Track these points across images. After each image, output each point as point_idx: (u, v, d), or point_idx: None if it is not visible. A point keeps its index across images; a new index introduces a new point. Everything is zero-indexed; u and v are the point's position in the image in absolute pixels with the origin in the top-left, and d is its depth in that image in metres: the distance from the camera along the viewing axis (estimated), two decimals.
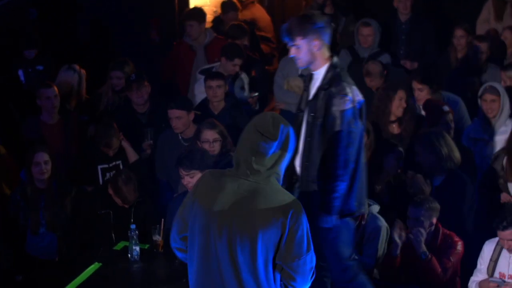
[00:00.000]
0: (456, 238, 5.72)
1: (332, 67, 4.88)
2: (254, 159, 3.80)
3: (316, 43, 4.83)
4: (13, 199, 6.45)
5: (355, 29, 8.32)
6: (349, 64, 7.86)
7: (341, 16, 8.67)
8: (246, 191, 3.80)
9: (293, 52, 4.88)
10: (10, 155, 6.96)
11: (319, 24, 4.83)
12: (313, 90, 4.96)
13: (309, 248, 3.86)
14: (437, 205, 5.70)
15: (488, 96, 6.76)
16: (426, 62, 8.24)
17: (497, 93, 6.74)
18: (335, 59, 4.92)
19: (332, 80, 4.84)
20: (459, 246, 5.69)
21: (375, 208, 5.85)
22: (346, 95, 4.78)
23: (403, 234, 5.67)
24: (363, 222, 5.66)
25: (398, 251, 5.68)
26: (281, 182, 3.92)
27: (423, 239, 5.61)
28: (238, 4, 9.07)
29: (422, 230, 5.61)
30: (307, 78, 5.04)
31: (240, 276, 3.80)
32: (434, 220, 5.69)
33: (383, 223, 5.79)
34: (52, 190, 6.41)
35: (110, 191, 6.20)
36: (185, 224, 3.94)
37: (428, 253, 5.59)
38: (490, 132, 6.80)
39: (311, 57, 4.87)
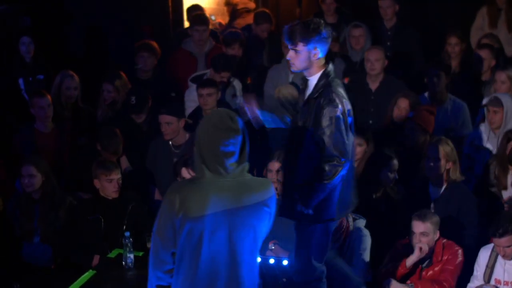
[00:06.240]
0: (456, 247, 5.64)
1: (324, 75, 4.88)
2: (225, 159, 3.82)
3: (316, 52, 4.82)
4: (9, 208, 6.44)
5: (346, 33, 8.29)
6: (343, 71, 7.84)
7: (344, 26, 8.61)
8: (230, 190, 3.84)
9: (291, 55, 4.88)
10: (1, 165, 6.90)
11: (323, 34, 4.81)
12: (306, 95, 4.97)
13: None
14: (438, 218, 5.62)
15: (491, 108, 6.71)
16: (412, 69, 8.22)
17: (500, 105, 6.65)
18: (330, 66, 4.91)
19: (323, 89, 4.83)
20: (460, 254, 5.63)
21: (361, 222, 5.78)
22: (336, 106, 4.77)
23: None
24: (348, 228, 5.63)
25: (410, 264, 5.62)
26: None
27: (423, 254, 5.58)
28: (272, 17, 8.93)
29: (425, 246, 5.56)
30: (303, 81, 5.04)
31: (242, 270, 3.90)
32: (437, 234, 5.62)
33: (368, 237, 5.73)
34: (47, 200, 6.40)
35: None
36: (173, 241, 3.89)
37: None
38: (494, 141, 6.67)
39: (308, 64, 4.87)
